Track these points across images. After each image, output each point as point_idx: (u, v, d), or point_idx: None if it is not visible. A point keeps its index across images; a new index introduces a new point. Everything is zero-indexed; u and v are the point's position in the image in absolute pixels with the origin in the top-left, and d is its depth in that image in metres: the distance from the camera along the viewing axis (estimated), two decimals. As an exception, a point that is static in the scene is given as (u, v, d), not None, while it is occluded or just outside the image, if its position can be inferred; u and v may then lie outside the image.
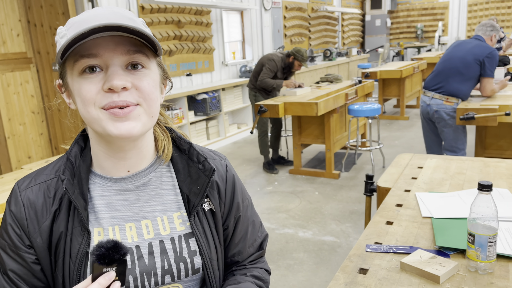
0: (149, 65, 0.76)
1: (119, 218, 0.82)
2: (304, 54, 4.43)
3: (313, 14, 9.40)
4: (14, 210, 0.80)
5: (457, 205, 1.38)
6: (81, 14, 0.75)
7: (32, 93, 4.64)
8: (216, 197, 0.90)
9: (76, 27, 0.71)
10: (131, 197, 0.83)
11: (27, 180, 0.83)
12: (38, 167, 2.20)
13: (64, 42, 0.69)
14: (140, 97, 0.74)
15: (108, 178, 0.83)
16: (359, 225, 3.28)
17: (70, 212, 0.80)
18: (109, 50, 0.72)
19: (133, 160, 0.82)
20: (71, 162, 0.82)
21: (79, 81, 0.73)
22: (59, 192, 0.81)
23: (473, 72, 3.25)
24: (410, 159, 1.98)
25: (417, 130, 6.07)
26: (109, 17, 0.71)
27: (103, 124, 0.73)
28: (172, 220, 0.85)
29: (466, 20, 11.58)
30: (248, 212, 0.97)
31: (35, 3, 4.43)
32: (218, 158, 0.95)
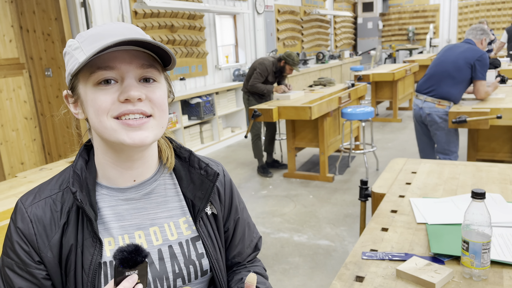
0: (159, 78, 0.80)
1: (128, 227, 0.84)
2: (295, 58, 4.45)
3: (305, 18, 9.44)
4: (21, 227, 0.80)
5: (451, 211, 1.40)
6: (94, 29, 0.78)
7: (24, 98, 4.61)
8: (217, 201, 0.94)
9: (92, 40, 0.74)
10: (138, 206, 0.86)
11: (31, 196, 0.84)
12: (32, 175, 2.20)
13: (86, 57, 0.72)
14: (153, 108, 0.78)
15: (115, 189, 0.85)
16: (354, 229, 3.29)
17: (78, 225, 0.81)
18: (125, 63, 0.75)
19: (139, 170, 0.85)
20: (78, 174, 0.83)
21: (94, 91, 0.76)
22: (66, 206, 0.82)
23: (464, 76, 3.29)
24: (404, 164, 2.00)
25: (410, 132, 6.12)
26: (124, 32, 0.75)
27: (115, 133, 0.76)
28: (179, 225, 0.88)
29: (456, 22, 11.70)
30: (244, 214, 1.02)
31: (27, 8, 4.41)
32: (215, 164, 0.99)
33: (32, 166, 4.73)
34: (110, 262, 0.80)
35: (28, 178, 2.12)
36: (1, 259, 0.82)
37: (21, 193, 1.90)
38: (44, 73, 4.53)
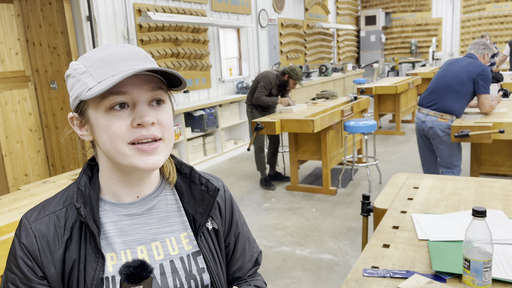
0: (166, 99, 0.83)
1: (130, 242, 0.85)
2: (299, 72, 4.48)
3: (308, 31, 9.52)
4: (25, 243, 0.81)
5: (453, 227, 1.39)
6: (99, 52, 0.79)
7: (30, 111, 4.65)
8: (218, 216, 0.95)
9: (102, 65, 0.76)
10: (140, 221, 0.87)
11: (35, 212, 0.85)
12: (36, 188, 2.21)
13: (104, 86, 0.73)
14: (163, 131, 0.81)
15: (118, 204, 0.86)
16: (357, 243, 3.28)
17: (81, 240, 0.82)
18: (137, 87, 0.77)
19: (144, 187, 0.88)
20: (82, 191, 0.84)
21: (106, 117, 0.77)
22: (70, 221, 0.83)
23: (467, 90, 3.31)
24: (406, 178, 2.00)
25: (412, 145, 6.11)
26: (132, 57, 0.78)
27: (129, 159, 0.78)
28: (180, 240, 0.89)
29: (459, 36, 11.76)
30: (244, 229, 1.03)
31: (34, 22, 4.47)
32: (215, 179, 1.00)
33: (36, 177, 4.75)
34: (112, 277, 0.81)
35: (32, 191, 2.13)
36: (5, 274, 0.83)
37: (24, 206, 1.91)
38: (49, 86, 4.58)
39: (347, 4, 11.81)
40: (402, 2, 12.36)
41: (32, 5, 4.43)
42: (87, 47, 4.43)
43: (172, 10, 5.49)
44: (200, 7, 6.09)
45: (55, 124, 4.67)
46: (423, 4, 12.06)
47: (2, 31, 4.35)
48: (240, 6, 6.98)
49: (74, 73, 0.80)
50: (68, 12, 4.27)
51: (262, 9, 7.64)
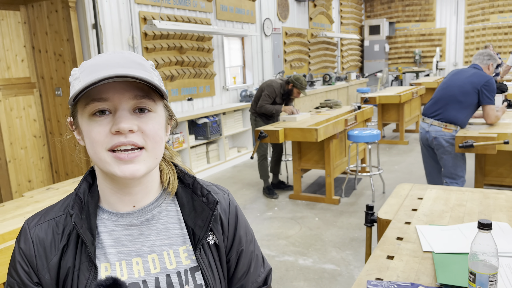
0: (155, 108, 0.80)
1: (125, 253, 0.83)
2: (303, 82, 4.49)
3: (312, 40, 9.56)
4: (23, 248, 0.82)
5: (458, 239, 1.38)
6: (94, 58, 0.79)
7: (34, 117, 4.68)
8: (220, 231, 0.91)
9: (89, 72, 0.75)
10: (137, 232, 0.85)
11: (37, 217, 0.85)
12: (39, 195, 2.21)
13: (78, 88, 0.74)
14: (145, 139, 0.78)
15: (115, 213, 0.85)
16: (360, 253, 3.25)
17: (77, 248, 0.82)
18: (118, 94, 0.76)
19: (138, 196, 0.85)
20: (80, 198, 0.84)
21: (89, 123, 0.77)
22: (68, 228, 0.83)
23: (471, 100, 3.30)
24: (410, 189, 1.99)
25: (416, 155, 6.09)
26: (120, 63, 0.76)
27: (108, 166, 0.77)
28: (178, 254, 0.86)
29: (463, 46, 11.77)
30: (251, 247, 0.97)
31: (40, 29, 4.52)
32: (221, 192, 0.96)
33: (39, 184, 4.76)
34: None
35: (35, 197, 2.13)
36: (7, 278, 0.84)
37: (27, 213, 1.91)
38: (54, 92, 4.61)
39: (351, 14, 11.87)
40: (406, 12, 12.41)
41: (38, 12, 4.47)
42: (92, 55, 4.46)
43: (177, 19, 5.53)
44: (205, 16, 6.13)
45: (59, 131, 4.69)
46: (427, 14, 12.10)
47: (9, 38, 4.39)
48: (245, 15, 7.02)
49: (71, 79, 0.81)
50: (74, 19, 4.31)
51: (266, 18, 7.68)
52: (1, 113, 4.33)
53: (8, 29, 4.39)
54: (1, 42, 4.32)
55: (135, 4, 5.01)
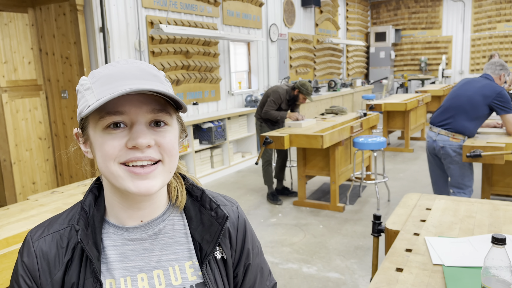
0: (171, 121, 0.78)
1: (131, 269, 0.81)
2: (309, 88, 4.47)
3: (318, 46, 9.56)
4: (26, 261, 0.79)
5: (468, 253, 1.36)
6: (106, 68, 0.76)
7: (40, 119, 4.68)
8: (228, 245, 0.89)
9: (103, 82, 0.73)
10: (143, 247, 0.83)
11: (40, 229, 0.83)
12: (44, 198, 2.20)
13: (92, 101, 0.71)
14: (162, 153, 0.76)
15: (121, 228, 0.83)
16: (365, 262, 3.22)
17: (82, 263, 0.79)
18: (135, 108, 0.73)
19: (147, 211, 0.83)
20: (85, 211, 0.82)
21: (102, 136, 0.74)
22: (72, 242, 0.80)
23: (481, 112, 3.26)
24: (418, 199, 1.96)
25: (421, 163, 6.05)
26: (136, 75, 0.73)
27: (121, 180, 0.74)
28: (184, 269, 0.83)
29: (469, 54, 11.73)
30: (257, 260, 0.95)
31: (47, 32, 4.53)
32: (230, 204, 0.94)
33: (43, 186, 4.76)
34: None
35: (40, 201, 2.12)
36: None
37: (32, 216, 1.90)
38: (60, 95, 4.62)
39: (357, 20, 11.87)
40: (412, 20, 12.40)
41: (46, 15, 4.49)
42: (99, 58, 4.47)
43: (184, 23, 5.54)
44: (212, 21, 6.14)
45: (65, 133, 4.70)
46: (434, 22, 12.08)
47: (16, 40, 4.41)
48: (251, 21, 7.03)
49: (80, 88, 0.78)
50: (81, 23, 4.33)
51: (272, 23, 7.69)
52: (7, 114, 4.34)
53: (16, 31, 4.41)
54: (9, 44, 4.33)
55: (143, 8, 5.03)
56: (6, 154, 4.35)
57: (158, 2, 5.19)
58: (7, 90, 4.34)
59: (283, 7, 8.05)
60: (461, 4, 11.62)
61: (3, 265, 1.57)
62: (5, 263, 1.56)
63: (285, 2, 8.11)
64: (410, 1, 12.32)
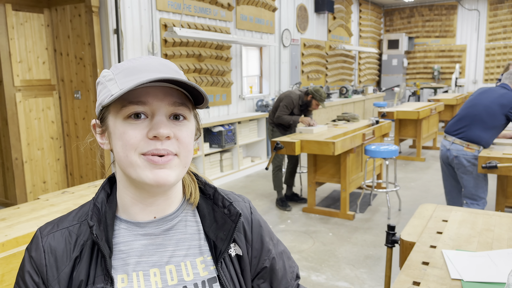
0: (189, 116, 0.79)
1: (143, 264, 0.80)
2: (322, 94, 4.44)
3: (330, 52, 9.53)
4: (34, 256, 0.79)
5: (488, 267, 1.31)
6: (129, 61, 0.77)
7: (52, 119, 4.71)
8: (243, 241, 0.89)
9: (126, 74, 0.74)
10: (156, 242, 0.82)
11: (50, 226, 0.82)
12: (54, 198, 2.20)
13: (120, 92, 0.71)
14: (179, 147, 0.77)
15: (134, 223, 0.82)
16: (375, 272, 3.17)
17: (92, 260, 0.78)
18: (158, 99, 0.75)
19: (160, 206, 0.82)
20: (98, 208, 0.81)
21: (123, 125, 0.75)
22: (81, 239, 0.80)
23: (498, 122, 3.20)
24: (433, 210, 1.92)
25: (433, 173, 5.97)
26: (160, 69, 0.75)
27: (139, 170, 0.75)
28: (195, 265, 0.83)
29: (483, 63, 11.61)
30: (280, 248, 0.96)
31: (63, 33, 4.57)
32: (242, 200, 0.94)
33: (54, 185, 4.78)
34: None
35: (50, 201, 2.11)
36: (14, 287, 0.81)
37: (42, 216, 1.89)
38: (73, 95, 4.64)
39: (370, 27, 11.82)
40: (426, 28, 12.31)
41: (62, 16, 4.53)
42: (112, 59, 4.49)
43: (197, 27, 5.55)
44: (225, 25, 6.15)
45: (76, 133, 4.72)
46: (448, 31, 11.98)
47: (31, 40, 4.45)
48: (264, 25, 7.03)
49: (102, 80, 0.79)
50: (96, 24, 4.35)
51: (285, 29, 7.68)
52: (21, 113, 4.37)
53: (32, 31, 4.45)
54: (24, 44, 4.37)
55: (157, 11, 5.05)
56: (18, 152, 4.38)
57: (172, 5, 5.21)
58: (21, 89, 4.37)
59: (296, 12, 8.04)
60: (476, 13, 11.52)
61: (12, 264, 1.56)
62: (14, 263, 1.55)
63: (298, 8, 8.10)
64: (424, 9, 12.24)
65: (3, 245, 1.64)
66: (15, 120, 4.33)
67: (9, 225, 1.79)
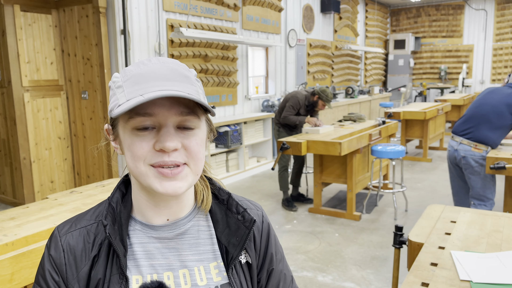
0: (199, 124, 0.78)
1: (157, 267, 0.81)
2: (329, 94, 4.43)
3: (336, 52, 9.51)
4: (53, 255, 0.80)
5: (497, 269, 1.31)
6: (137, 67, 0.76)
7: (60, 119, 4.74)
8: (253, 249, 0.89)
9: (134, 82, 0.73)
10: (169, 246, 0.83)
11: (67, 225, 0.83)
12: (63, 198, 2.21)
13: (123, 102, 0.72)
14: (188, 157, 0.76)
15: (148, 225, 0.83)
16: (382, 272, 3.16)
17: (109, 259, 0.79)
18: (164, 110, 0.73)
19: (173, 210, 0.83)
20: (113, 207, 0.82)
21: (131, 136, 0.75)
22: (99, 238, 0.80)
23: (505, 122, 3.17)
24: (441, 211, 1.91)
25: (440, 173, 5.94)
26: (167, 76, 0.73)
27: (150, 180, 0.75)
28: (209, 270, 0.84)
29: (491, 63, 11.53)
30: (280, 266, 0.94)
31: (70, 33, 4.60)
32: (255, 208, 0.93)
33: (61, 185, 4.81)
34: None
35: (59, 200, 2.13)
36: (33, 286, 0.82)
37: (51, 215, 1.91)
38: (81, 96, 4.67)
39: (376, 28, 11.78)
40: (432, 28, 12.24)
41: (69, 16, 4.56)
42: (119, 60, 4.51)
43: (204, 27, 5.57)
44: (231, 25, 6.16)
45: (84, 133, 4.75)
46: (455, 30, 11.91)
47: (39, 41, 4.49)
48: (270, 26, 7.03)
49: (112, 85, 0.78)
50: (103, 25, 4.38)
51: (291, 29, 7.68)
52: (29, 113, 4.41)
53: (40, 32, 4.48)
54: (32, 45, 4.41)
55: (163, 12, 5.07)
56: (26, 152, 4.42)
57: (179, 5, 5.23)
58: (29, 89, 4.41)
59: (302, 13, 8.03)
60: (483, 13, 11.44)
61: (22, 263, 1.57)
62: (24, 262, 1.57)
63: (304, 8, 8.09)
64: (431, 9, 12.17)
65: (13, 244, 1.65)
66: (23, 120, 4.36)
67: (18, 224, 1.81)
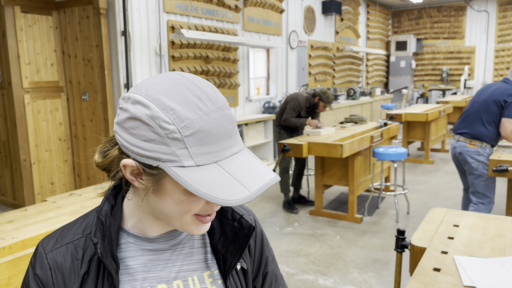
0: None
1: (151, 279, 0.78)
2: (330, 96, 4.41)
3: (338, 54, 9.49)
4: (39, 274, 0.75)
5: (501, 274, 1.28)
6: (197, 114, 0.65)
7: (60, 120, 4.73)
8: (248, 255, 0.87)
9: (200, 141, 0.64)
10: (164, 257, 0.80)
11: (52, 240, 0.79)
12: (61, 200, 2.19)
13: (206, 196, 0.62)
14: None
15: (142, 238, 0.80)
16: (383, 276, 3.13)
17: (99, 275, 0.76)
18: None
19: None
20: (102, 222, 0.77)
21: (188, 195, 0.69)
22: (88, 254, 0.77)
23: (494, 115, 3.21)
24: (444, 215, 1.88)
25: (442, 175, 5.91)
26: (230, 131, 0.67)
27: (186, 226, 0.74)
28: (203, 279, 0.82)
29: (492, 65, 11.49)
30: (272, 266, 0.94)
31: (71, 35, 4.59)
32: (247, 212, 0.91)
33: (61, 187, 4.80)
34: None
35: (58, 203, 2.11)
36: None
37: (49, 219, 1.89)
38: (81, 97, 4.66)
39: (378, 29, 11.76)
40: (434, 29, 12.22)
41: (70, 18, 4.55)
42: (120, 61, 4.50)
43: (205, 28, 5.55)
44: (232, 27, 6.15)
45: (84, 135, 4.73)
46: (456, 32, 11.89)
47: (40, 42, 4.48)
48: (271, 27, 7.01)
49: (160, 132, 0.64)
50: (104, 26, 4.36)
51: (293, 30, 7.66)
52: (29, 115, 4.39)
53: (40, 33, 4.47)
54: (32, 46, 4.40)
55: (164, 13, 5.06)
56: (26, 154, 4.40)
57: (179, 7, 5.22)
58: (29, 91, 4.40)
59: (303, 14, 8.02)
60: (485, 14, 11.41)
61: (19, 267, 1.55)
62: (21, 265, 1.55)
63: (305, 9, 8.07)
64: (433, 10, 12.15)
65: (10, 248, 1.64)
66: (23, 122, 4.35)
67: (16, 228, 1.79)
